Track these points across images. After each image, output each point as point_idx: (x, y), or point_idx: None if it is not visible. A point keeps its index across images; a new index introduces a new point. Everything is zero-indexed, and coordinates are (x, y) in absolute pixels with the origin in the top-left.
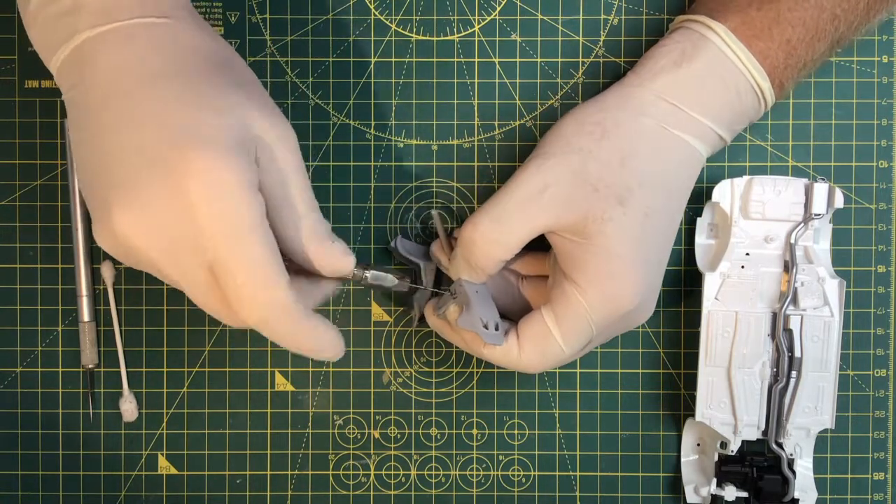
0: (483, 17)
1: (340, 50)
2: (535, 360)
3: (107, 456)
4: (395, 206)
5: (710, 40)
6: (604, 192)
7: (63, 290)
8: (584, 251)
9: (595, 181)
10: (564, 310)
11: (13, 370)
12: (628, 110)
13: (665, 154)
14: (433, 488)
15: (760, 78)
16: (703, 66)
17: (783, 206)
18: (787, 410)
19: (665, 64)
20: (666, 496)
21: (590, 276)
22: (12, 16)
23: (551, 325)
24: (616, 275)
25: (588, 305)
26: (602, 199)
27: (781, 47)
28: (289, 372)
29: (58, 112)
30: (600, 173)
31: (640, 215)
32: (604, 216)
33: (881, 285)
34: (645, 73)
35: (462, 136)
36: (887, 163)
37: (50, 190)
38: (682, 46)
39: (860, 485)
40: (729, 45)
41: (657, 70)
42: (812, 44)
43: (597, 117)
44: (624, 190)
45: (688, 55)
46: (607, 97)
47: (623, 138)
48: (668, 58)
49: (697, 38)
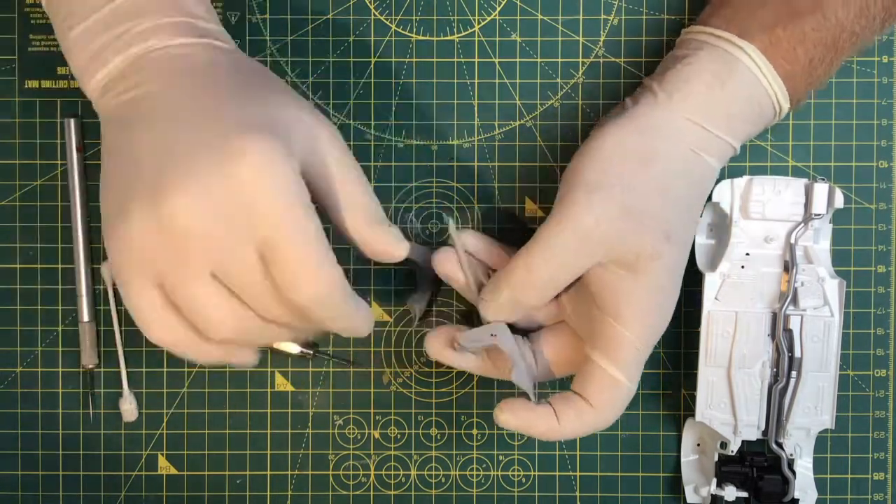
0: (483, 17)
1: (340, 50)
2: (614, 413)
3: (107, 456)
4: (395, 206)
5: (743, 63)
6: (650, 226)
7: (63, 290)
8: (631, 285)
9: (640, 215)
10: (618, 352)
11: (13, 370)
12: (664, 137)
13: (694, 179)
14: (433, 488)
15: (783, 100)
16: (735, 90)
17: (783, 206)
18: (787, 410)
19: (697, 87)
20: (666, 496)
21: (635, 309)
22: (12, 16)
23: (613, 371)
24: (661, 306)
25: (636, 338)
26: (649, 233)
27: (804, 68)
28: (289, 372)
29: (58, 112)
30: (644, 207)
31: (681, 247)
32: (653, 253)
33: (881, 285)
34: (677, 95)
35: (462, 136)
36: (887, 163)
37: (50, 190)
38: (714, 68)
39: (860, 485)
40: (761, 69)
41: (689, 92)
42: (831, 63)
43: (636, 141)
44: (667, 224)
45: (720, 77)
46: (641, 119)
47: (661, 168)
48: (699, 79)
49: (729, 60)
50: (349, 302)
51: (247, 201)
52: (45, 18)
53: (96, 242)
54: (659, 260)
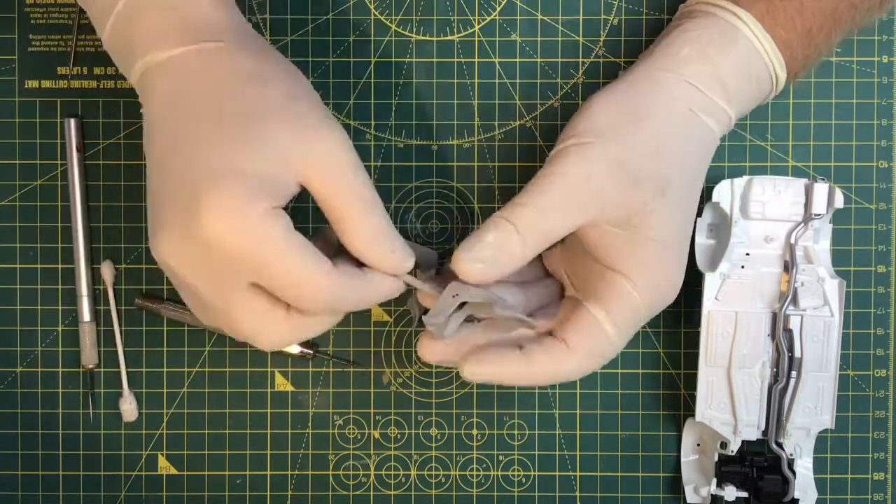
0: (483, 17)
1: (340, 50)
2: (590, 362)
3: (107, 456)
4: (395, 206)
5: (740, 30)
6: (645, 184)
7: (63, 290)
8: (629, 242)
9: (635, 173)
10: (616, 303)
11: (13, 370)
12: (660, 95)
13: (692, 137)
14: (433, 488)
15: (780, 69)
16: (732, 56)
17: (783, 206)
18: (787, 410)
19: (693, 51)
20: (666, 496)
21: (640, 265)
22: (12, 16)
23: (603, 320)
24: (665, 263)
25: (640, 295)
26: (644, 191)
27: (802, 38)
28: (289, 372)
29: (58, 112)
30: (639, 165)
31: (678, 202)
32: (646, 209)
33: (881, 285)
34: (672, 59)
35: (462, 136)
36: (887, 163)
37: (50, 190)
38: (709, 34)
39: (860, 485)
40: (757, 37)
41: (685, 56)
42: (830, 33)
43: (630, 104)
44: (663, 181)
45: (716, 44)
46: (637, 81)
47: (657, 126)
48: (695, 45)
49: (725, 27)
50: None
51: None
52: (45, 18)
53: (96, 242)
54: (653, 214)
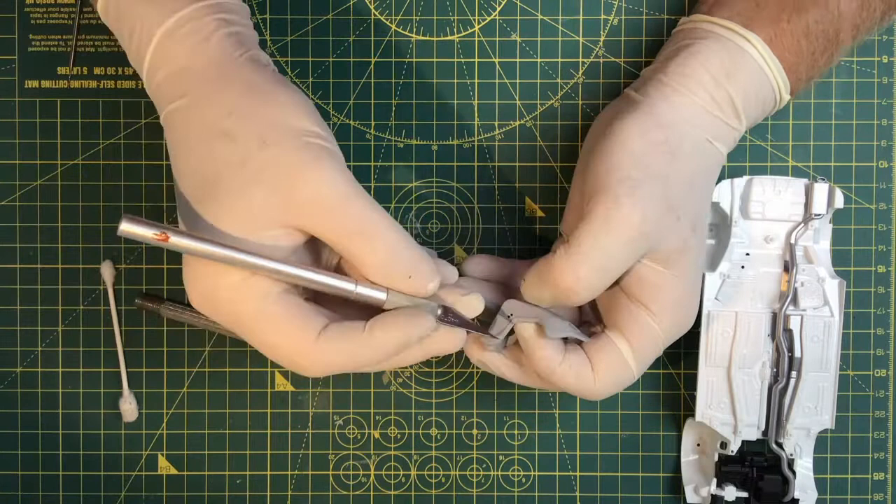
0: (483, 17)
1: (340, 50)
2: (609, 388)
3: (107, 456)
4: (395, 206)
5: (749, 55)
6: (683, 219)
7: (63, 290)
8: (663, 280)
9: (677, 209)
10: (639, 338)
11: (13, 370)
12: (684, 125)
13: (711, 167)
14: (433, 488)
15: (785, 91)
16: (742, 82)
17: (783, 207)
18: (787, 410)
19: (705, 76)
20: (666, 496)
21: (666, 304)
22: (12, 16)
23: (625, 351)
24: (687, 302)
25: (662, 332)
26: (682, 227)
27: (806, 60)
28: (289, 372)
29: (58, 112)
30: (679, 200)
31: (703, 236)
32: (684, 246)
33: (881, 285)
34: (686, 83)
35: (462, 136)
36: (887, 163)
37: (50, 190)
38: (720, 58)
39: (860, 485)
40: (766, 62)
41: (697, 82)
42: (832, 55)
43: (661, 134)
44: (695, 216)
45: (727, 69)
46: (655, 106)
47: (687, 158)
48: (707, 70)
49: (735, 50)
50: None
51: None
52: (45, 18)
53: (96, 242)
54: (688, 253)
